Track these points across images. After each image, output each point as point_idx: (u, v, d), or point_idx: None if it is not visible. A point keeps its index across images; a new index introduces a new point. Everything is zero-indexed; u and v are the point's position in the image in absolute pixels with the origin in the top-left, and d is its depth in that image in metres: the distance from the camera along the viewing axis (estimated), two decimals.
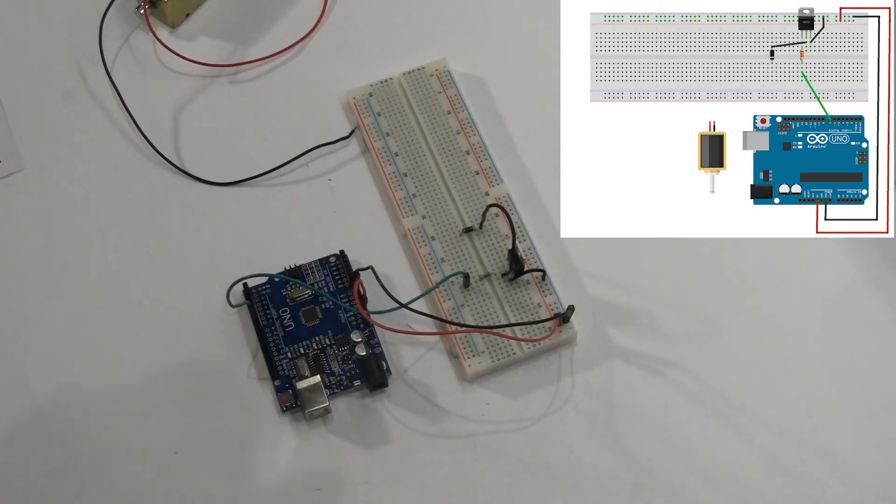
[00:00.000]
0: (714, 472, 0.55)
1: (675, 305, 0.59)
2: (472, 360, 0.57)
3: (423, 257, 0.60)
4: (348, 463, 0.55)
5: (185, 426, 0.56)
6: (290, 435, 0.56)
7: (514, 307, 0.58)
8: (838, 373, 0.57)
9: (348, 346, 0.58)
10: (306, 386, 0.56)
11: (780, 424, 0.56)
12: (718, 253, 0.60)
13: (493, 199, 0.61)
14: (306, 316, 0.59)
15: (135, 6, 0.67)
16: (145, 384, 0.57)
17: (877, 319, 0.59)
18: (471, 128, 0.63)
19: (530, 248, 0.60)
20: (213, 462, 0.56)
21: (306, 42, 0.68)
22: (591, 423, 0.56)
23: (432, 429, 0.56)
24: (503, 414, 0.56)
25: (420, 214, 0.61)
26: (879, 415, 0.56)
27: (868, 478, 0.55)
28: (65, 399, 0.57)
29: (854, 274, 0.60)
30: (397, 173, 0.62)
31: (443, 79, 0.65)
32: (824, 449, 0.55)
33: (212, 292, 0.59)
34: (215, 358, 0.58)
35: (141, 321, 0.59)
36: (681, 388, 0.57)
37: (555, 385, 0.57)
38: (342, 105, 0.65)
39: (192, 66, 0.66)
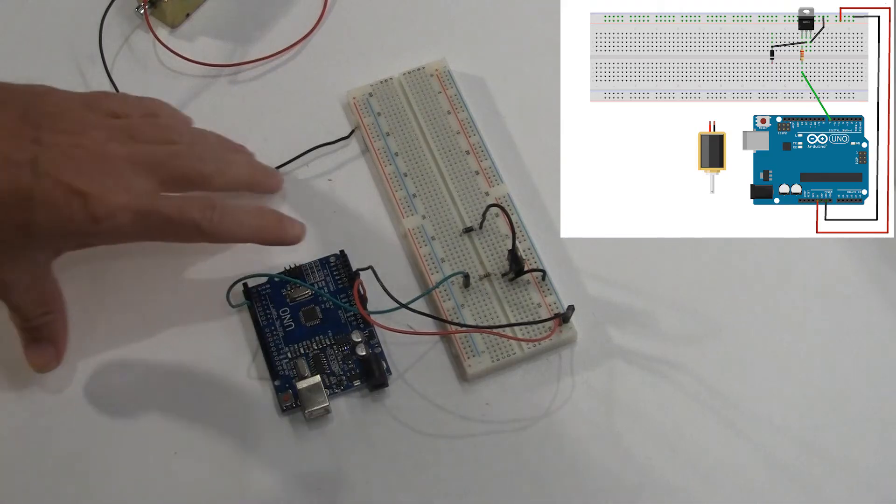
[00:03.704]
0: (714, 472, 0.55)
1: (675, 305, 0.59)
2: (472, 360, 0.57)
3: (423, 257, 0.60)
4: (348, 463, 0.55)
5: (185, 426, 0.56)
6: (290, 435, 0.56)
7: (514, 307, 0.58)
8: (838, 373, 0.57)
9: (348, 346, 0.58)
10: (306, 386, 0.56)
11: (779, 424, 0.56)
12: (718, 253, 0.60)
13: (493, 199, 0.61)
14: (306, 316, 0.59)
15: (135, 6, 0.67)
16: (145, 384, 0.57)
17: (877, 319, 0.59)
18: (471, 128, 0.63)
19: (530, 248, 0.60)
20: (213, 462, 0.56)
21: (306, 42, 0.68)
22: (591, 423, 0.56)
23: (432, 429, 0.56)
24: (503, 414, 0.56)
25: (420, 214, 0.61)
26: (879, 415, 0.56)
27: (868, 478, 0.55)
28: (64, 399, 0.57)
29: (854, 274, 0.60)
30: (397, 173, 0.62)
31: (443, 79, 0.65)
32: (824, 449, 0.55)
33: (212, 292, 0.59)
34: (215, 358, 0.58)
35: (141, 321, 0.59)
36: (681, 388, 0.57)
37: (555, 385, 0.57)
38: (342, 105, 0.65)
39: (192, 66, 0.66)
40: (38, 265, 0.54)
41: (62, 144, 0.52)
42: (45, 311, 0.56)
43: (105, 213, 0.52)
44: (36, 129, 0.52)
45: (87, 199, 0.51)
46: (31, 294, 0.55)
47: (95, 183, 0.52)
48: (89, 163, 0.52)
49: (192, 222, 0.54)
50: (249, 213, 0.57)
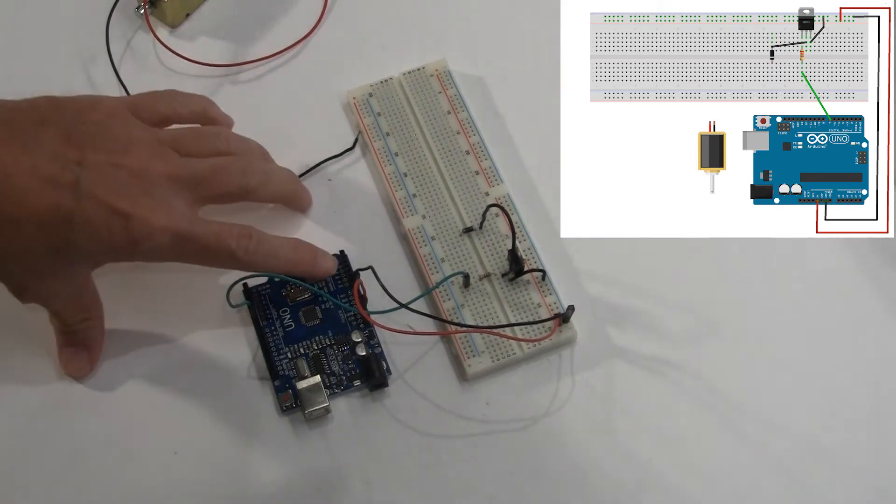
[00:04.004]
0: (714, 471, 0.55)
1: (675, 305, 0.59)
2: (472, 360, 0.57)
3: (422, 257, 0.60)
4: (348, 463, 0.55)
5: (185, 426, 0.56)
6: (290, 435, 0.56)
7: (514, 307, 0.58)
8: (838, 373, 0.57)
9: (348, 346, 0.58)
10: (306, 386, 0.56)
11: (779, 424, 0.56)
12: (718, 253, 0.60)
13: (493, 199, 0.61)
14: (306, 316, 0.59)
15: (135, 6, 0.67)
16: (145, 384, 0.57)
17: (877, 319, 0.59)
18: (471, 128, 0.63)
19: (530, 248, 0.60)
20: (213, 462, 0.56)
21: (306, 42, 0.68)
22: (591, 423, 0.56)
23: (432, 429, 0.56)
24: (503, 414, 0.56)
25: (420, 214, 0.61)
26: (879, 415, 0.56)
27: (868, 478, 0.55)
28: (64, 399, 0.57)
29: (854, 274, 0.60)
30: (397, 173, 0.62)
31: (443, 79, 0.65)
32: (824, 449, 0.55)
33: (212, 292, 0.59)
34: (215, 358, 0.58)
35: (141, 321, 0.59)
36: (681, 387, 0.57)
37: (555, 385, 0.57)
38: (342, 105, 0.65)
39: (192, 66, 0.66)
40: (78, 276, 0.55)
41: (104, 164, 0.52)
42: (85, 318, 0.57)
43: (145, 234, 0.52)
44: (79, 150, 0.52)
45: (128, 221, 0.52)
46: (72, 303, 0.56)
47: (136, 204, 0.52)
48: (131, 182, 0.52)
49: (228, 250, 0.55)
50: (285, 246, 0.57)
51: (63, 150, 0.52)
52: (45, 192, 0.50)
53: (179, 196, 0.54)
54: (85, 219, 0.51)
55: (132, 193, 0.52)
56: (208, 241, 0.54)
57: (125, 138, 0.54)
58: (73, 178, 0.51)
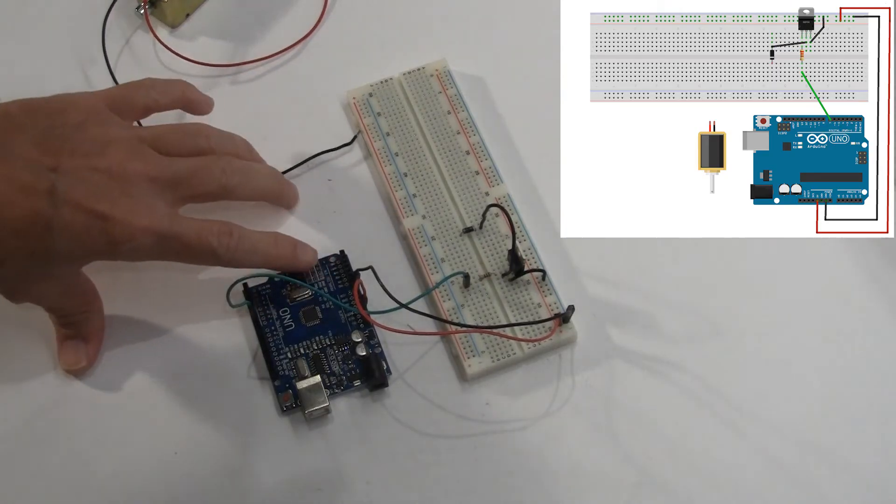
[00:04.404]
0: (713, 471, 0.55)
1: (675, 305, 0.59)
2: (472, 360, 0.57)
3: (422, 257, 0.60)
4: (348, 463, 0.55)
5: (184, 426, 0.56)
6: (290, 435, 0.56)
7: (514, 307, 0.58)
8: (838, 373, 0.57)
9: (348, 346, 0.58)
10: (306, 386, 0.56)
11: (779, 424, 0.56)
12: (718, 253, 0.60)
13: (493, 199, 0.61)
14: (306, 316, 0.59)
15: (135, 6, 0.67)
16: (145, 384, 0.57)
17: (877, 319, 0.59)
18: (471, 128, 0.63)
19: (530, 248, 0.60)
20: (213, 462, 0.56)
21: (306, 42, 0.68)
22: (591, 423, 0.56)
23: (432, 429, 0.56)
24: (503, 414, 0.56)
25: (420, 214, 0.61)
26: (879, 415, 0.56)
27: (868, 478, 0.55)
28: (64, 399, 0.57)
29: (854, 274, 0.60)
30: (397, 173, 0.62)
31: (443, 79, 0.65)
32: (824, 449, 0.55)
33: (212, 292, 0.59)
34: (215, 358, 0.58)
35: (141, 321, 0.59)
36: (681, 387, 0.57)
37: (555, 385, 0.57)
38: (342, 105, 0.65)
39: (192, 66, 0.66)
40: (65, 276, 0.55)
41: (81, 168, 0.52)
42: (82, 311, 0.57)
43: (126, 235, 0.52)
44: (54, 156, 0.52)
45: (108, 223, 0.52)
46: (65, 300, 0.56)
47: (115, 206, 0.52)
48: (109, 184, 0.52)
49: (209, 248, 0.55)
50: (265, 241, 0.57)
51: (37, 158, 0.51)
52: (21, 201, 0.50)
53: (159, 196, 0.54)
54: (64, 224, 0.51)
55: (111, 195, 0.52)
56: (190, 239, 0.54)
57: (102, 139, 0.54)
58: (49, 185, 0.51)
